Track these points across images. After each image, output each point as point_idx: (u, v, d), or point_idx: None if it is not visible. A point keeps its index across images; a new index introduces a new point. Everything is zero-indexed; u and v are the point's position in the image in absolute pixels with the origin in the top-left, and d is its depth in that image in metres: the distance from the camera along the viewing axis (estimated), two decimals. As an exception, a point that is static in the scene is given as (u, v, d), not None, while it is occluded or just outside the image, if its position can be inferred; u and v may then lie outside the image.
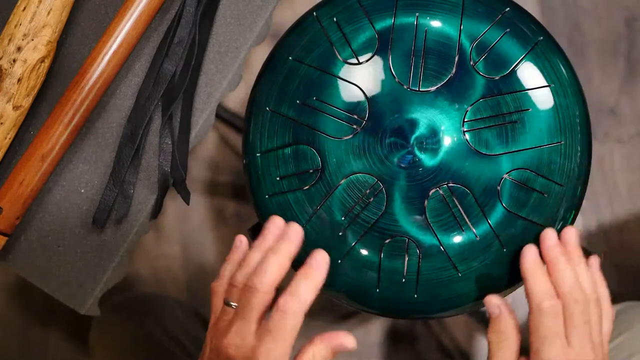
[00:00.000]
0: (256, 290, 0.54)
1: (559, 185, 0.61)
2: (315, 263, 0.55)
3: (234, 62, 0.68)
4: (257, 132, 0.64)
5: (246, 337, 0.54)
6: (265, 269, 0.55)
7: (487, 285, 0.61)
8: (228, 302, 0.57)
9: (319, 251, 0.56)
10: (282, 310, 0.53)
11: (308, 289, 0.54)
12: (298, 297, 0.53)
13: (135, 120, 0.67)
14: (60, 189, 0.68)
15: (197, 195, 1.30)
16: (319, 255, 0.55)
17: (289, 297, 0.53)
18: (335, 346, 0.56)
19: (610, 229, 1.29)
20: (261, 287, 0.54)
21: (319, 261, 0.55)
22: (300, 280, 0.54)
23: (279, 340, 0.53)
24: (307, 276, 0.54)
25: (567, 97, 0.62)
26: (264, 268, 0.55)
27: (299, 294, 0.53)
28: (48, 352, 1.31)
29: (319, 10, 0.64)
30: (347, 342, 0.56)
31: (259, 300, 0.54)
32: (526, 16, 0.63)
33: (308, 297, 0.54)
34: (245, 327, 0.54)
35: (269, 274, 0.55)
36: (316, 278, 0.55)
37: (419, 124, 0.61)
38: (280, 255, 0.55)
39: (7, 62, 0.63)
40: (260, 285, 0.54)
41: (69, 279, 0.68)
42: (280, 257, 0.55)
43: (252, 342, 0.54)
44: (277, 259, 0.55)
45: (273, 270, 0.55)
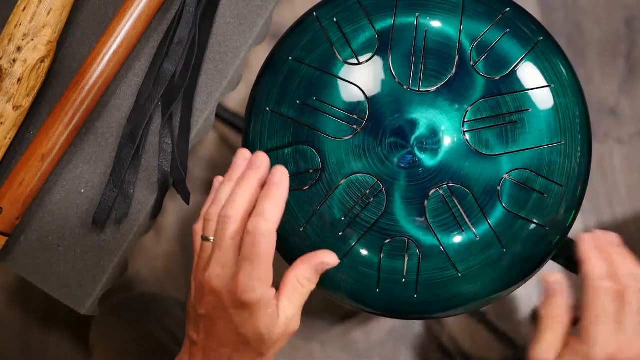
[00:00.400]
0: (228, 218, 0.55)
1: (559, 185, 0.61)
2: (275, 179, 0.56)
3: (234, 62, 0.68)
4: (257, 132, 0.64)
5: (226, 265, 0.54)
6: (235, 198, 0.55)
7: (487, 285, 0.61)
8: (205, 237, 0.57)
9: (277, 167, 0.56)
10: (252, 232, 0.53)
11: (273, 206, 0.54)
12: (264, 216, 0.54)
13: (135, 120, 0.67)
14: (60, 189, 0.68)
15: (197, 195, 1.30)
16: (277, 170, 0.56)
17: (255, 218, 0.54)
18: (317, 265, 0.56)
19: (610, 229, 1.29)
20: (233, 214, 0.55)
21: (278, 177, 0.56)
22: (264, 199, 0.55)
23: (255, 262, 0.53)
24: (269, 194, 0.55)
25: (567, 97, 0.62)
26: (234, 197, 0.56)
27: (264, 212, 0.54)
28: (48, 352, 1.31)
29: (319, 10, 0.64)
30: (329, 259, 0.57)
31: (233, 228, 0.55)
32: (526, 16, 0.63)
33: (274, 214, 0.54)
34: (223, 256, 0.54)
35: (239, 201, 0.55)
36: (278, 194, 0.55)
37: (419, 124, 0.61)
38: (248, 182, 0.56)
39: (7, 62, 0.63)
40: (231, 212, 0.55)
41: (69, 279, 0.68)
42: (248, 183, 0.56)
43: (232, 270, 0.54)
44: (246, 185, 0.56)
45: (243, 198, 0.55)
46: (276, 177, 0.56)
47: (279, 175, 0.56)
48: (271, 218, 0.54)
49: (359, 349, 1.29)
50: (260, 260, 0.53)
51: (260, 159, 0.57)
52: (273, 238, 0.54)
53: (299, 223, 0.62)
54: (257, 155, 0.58)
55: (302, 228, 0.62)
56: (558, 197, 0.61)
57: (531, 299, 1.28)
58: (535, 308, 1.27)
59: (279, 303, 0.55)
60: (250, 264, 0.53)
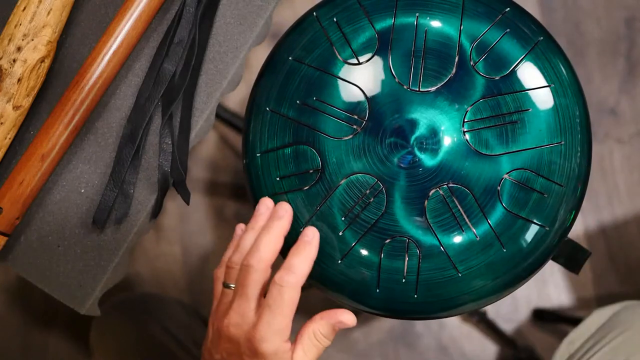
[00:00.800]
0: (252, 267, 0.55)
1: (559, 185, 0.61)
2: (307, 238, 0.57)
3: (234, 62, 0.68)
4: (257, 132, 0.64)
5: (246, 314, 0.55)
6: (259, 247, 0.56)
7: (487, 286, 0.61)
8: (227, 285, 0.58)
9: (309, 227, 0.58)
10: (279, 284, 0.54)
11: (302, 262, 0.55)
12: (292, 270, 0.55)
13: (135, 120, 0.67)
14: (60, 189, 0.68)
15: (197, 195, 1.30)
16: (309, 231, 0.57)
17: (283, 271, 0.55)
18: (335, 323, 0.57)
19: (610, 229, 1.29)
20: (256, 264, 0.55)
21: (310, 236, 0.57)
22: (294, 255, 0.56)
23: (277, 314, 0.54)
24: (300, 250, 0.56)
25: (567, 97, 0.62)
26: (258, 246, 0.56)
27: (294, 267, 0.55)
28: (48, 352, 1.31)
29: (319, 10, 0.64)
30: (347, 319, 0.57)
31: (255, 277, 0.55)
32: (526, 16, 0.63)
33: (303, 270, 0.55)
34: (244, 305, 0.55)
35: (263, 251, 0.56)
36: (309, 251, 0.56)
37: (419, 124, 0.61)
38: (272, 233, 0.57)
39: (7, 62, 0.63)
40: (255, 262, 0.55)
41: (69, 279, 0.68)
42: (272, 234, 0.57)
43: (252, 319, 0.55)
44: (270, 236, 0.57)
45: (267, 247, 0.56)
46: (309, 236, 0.57)
47: (311, 234, 0.57)
48: (299, 273, 0.55)
49: (359, 349, 1.29)
50: (283, 312, 0.54)
51: (283, 209, 0.59)
52: (298, 293, 0.55)
53: (299, 223, 0.62)
54: (280, 206, 0.59)
55: (302, 228, 0.62)
56: (558, 197, 0.61)
57: (531, 299, 1.28)
58: (535, 308, 1.28)
59: (294, 354, 0.56)
60: (272, 315, 0.54)
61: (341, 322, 0.57)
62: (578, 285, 1.28)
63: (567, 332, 0.87)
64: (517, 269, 0.61)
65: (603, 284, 1.28)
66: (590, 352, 0.81)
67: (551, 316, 1.25)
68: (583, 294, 1.28)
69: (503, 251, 0.61)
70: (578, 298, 1.28)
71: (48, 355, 1.31)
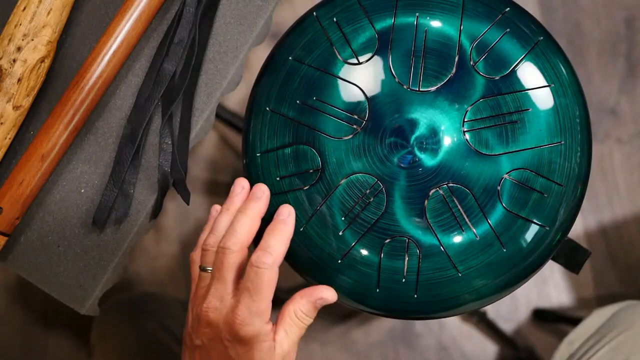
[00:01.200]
0: (227, 250, 0.54)
1: (559, 185, 0.61)
2: (281, 217, 0.56)
3: (234, 62, 0.68)
4: (257, 132, 0.64)
5: (224, 298, 0.54)
6: (235, 229, 0.55)
7: (487, 285, 0.61)
8: (203, 268, 0.57)
9: (284, 206, 0.57)
10: (255, 265, 0.53)
11: (278, 241, 0.55)
12: (269, 251, 0.54)
13: (135, 120, 0.67)
14: (60, 189, 0.68)
15: (197, 195, 1.30)
16: (284, 209, 0.57)
17: (260, 252, 0.54)
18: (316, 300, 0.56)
19: (610, 229, 1.29)
20: (233, 246, 0.54)
21: (285, 214, 0.56)
22: (269, 235, 0.55)
23: (255, 296, 0.53)
24: (275, 230, 0.55)
25: (567, 97, 0.62)
26: (234, 228, 0.55)
27: (270, 247, 0.54)
28: (48, 352, 1.31)
29: (319, 10, 0.64)
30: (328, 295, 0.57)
31: (232, 259, 0.54)
32: (526, 16, 0.63)
33: (279, 250, 0.54)
34: (222, 288, 0.54)
35: (239, 232, 0.55)
36: (284, 230, 0.56)
37: (419, 124, 0.61)
38: (248, 214, 0.56)
39: (7, 62, 0.63)
40: (231, 244, 0.54)
41: (69, 279, 0.68)
42: (248, 215, 0.56)
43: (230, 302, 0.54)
44: (246, 217, 0.56)
45: (243, 229, 0.55)
46: (283, 214, 0.56)
47: (286, 213, 0.56)
48: (276, 253, 0.54)
49: (359, 349, 1.29)
50: (261, 294, 0.53)
51: (260, 190, 0.58)
52: (276, 273, 0.54)
53: (299, 223, 0.62)
54: (257, 187, 0.58)
55: (302, 228, 0.62)
56: (558, 197, 0.61)
57: (531, 299, 1.28)
58: (535, 308, 1.28)
59: (276, 336, 0.55)
60: (250, 297, 0.53)
61: (322, 299, 0.56)
62: (578, 285, 1.28)
63: (567, 332, 0.87)
64: (517, 268, 0.61)
65: (603, 284, 1.28)
66: (590, 352, 0.81)
67: (551, 316, 1.25)
68: (583, 294, 1.28)
69: (503, 251, 0.61)
70: (578, 298, 1.28)
71: (48, 355, 1.31)
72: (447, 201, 0.61)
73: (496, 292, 0.62)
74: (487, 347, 1.28)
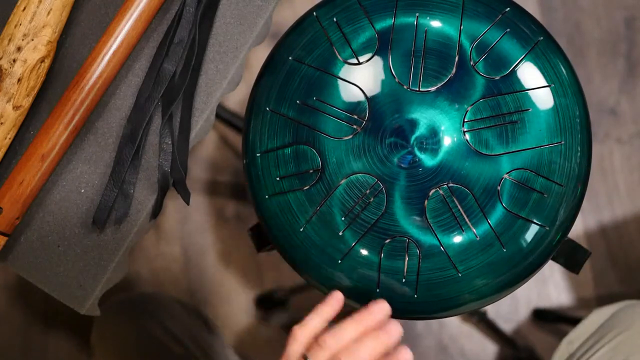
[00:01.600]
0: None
1: (559, 185, 0.61)
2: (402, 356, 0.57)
3: (234, 62, 0.68)
4: (257, 132, 0.64)
5: None
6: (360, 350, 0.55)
7: (487, 285, 0.61)
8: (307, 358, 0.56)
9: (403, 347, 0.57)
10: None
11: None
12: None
13: (135, 120, 0.67)
14: (60, 189, 0.68)
15: (197, 195, 1.30)
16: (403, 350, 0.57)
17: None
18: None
19: (610, 229, 1.29)
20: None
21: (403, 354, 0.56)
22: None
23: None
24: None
25: (567, 97, 0.62)
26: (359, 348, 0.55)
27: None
28: (48, 352, 1.31)
29: (319, 10, 0.64)
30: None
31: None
32: (526, 16, 0.63)
33: None
34: None
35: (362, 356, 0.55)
36: None
37: (419, 124, 0.61)
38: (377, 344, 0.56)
39: (7, 62, 0.63)
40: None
41: (69, 279, 0.68)
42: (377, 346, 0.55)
43: None
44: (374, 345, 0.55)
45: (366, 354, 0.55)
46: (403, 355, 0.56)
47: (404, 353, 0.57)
48: None
49: (359, 349, 1.29)
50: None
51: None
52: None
53: (299, 223, 0.62)
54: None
55: (302, 228, 0.62)
56: (558, 197, 0.61)
57: (531, 299, 1.28)
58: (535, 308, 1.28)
59: None
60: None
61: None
62: (578, 285, 1.28)
63: (567, 332, 0.87)
64: (517, 268, 0.61)
65: (603, 283, 1.28)
66: (590, 352, 0.81)
67: (551, 316, 1.25)
68: (583, 293, 1.28)
69: (503, 251, 0.61)
70: (578, 298, 1.28)
71: (48, 355, 1.31)
72: (447, 201, 0.61)
73: (496, 292, 0.62)
74: (487, 347, 1.28)
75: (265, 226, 0.64)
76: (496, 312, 1.27)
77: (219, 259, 1.30)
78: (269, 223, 0.63)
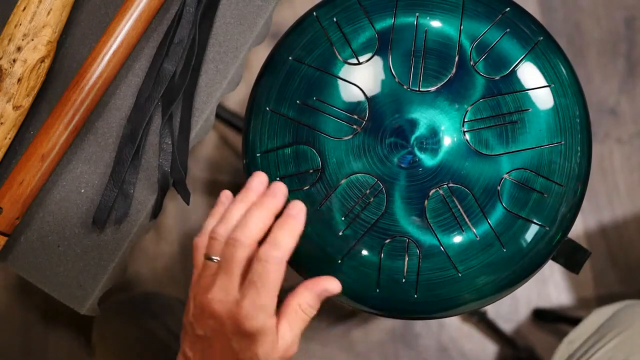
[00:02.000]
0: (239, 243, 0.53)
1: (559, 185, 0.61)
2: (293, 212, 0.55)
3: (234, 62, 0.68)
4: (257, 132, 0.64)
5: (230, 291, 0.54)
6: (249, 222, 0.54)
7: (487, 285, 0.61)
8: (209, 257, 0.56)
9: (295, 201, 0.55)
10: (263, 259, 0.52)
11: (287, 236, 0.53)
12: (277, 245, 0.53)
13: (135, 120, 0.67)
14: (60, 189, 0.68)
15: (197, 195, 1.30)
16: (296, 204, 0.55)
17: (268, 246, 0.53)
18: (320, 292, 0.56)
19: (610, 229, 1.29)
20: (245, 240, 0.53)
21: (296, 209, 0.55)
22: (279, 229, 0.54)
23: (261, 290, 0.52)
24: (285, 224, 0.54)
25: (567, 97, 0.62)
26: (248, 221, 0.54)
27: (278, 242, 0.53)
28: (48, 352, 1.31)
29: (319, 10, 0.64)
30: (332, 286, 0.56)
31: (242, 253, 0.53)
32: (526, 16, 0.63)
33: (288, 245, 0.53)
34: (228, 281, 0.54)
35: (253, 227, 0.54)
36: (294, 225, 0.54)
37: (419, 124, 0.61)
38: (264, 210, 0.55)
39: (7, 62, 0.63)
40: (243, 238, 0.53)
41: (69, 278, 0.68)
42: (264, 212, 0.55)
43: (236, 296, 0.53)
44: (261, 212, 0.55)
45: (257, 224, 0.54)
46: (294, 209, 0.55)
47: (297, 208, 0.55)
48: (284, 248, 0.53)
49: (359, 349, 1.29)
50: (268, 289, 0.52)
51: (278, 188, 0.56)
52: (283, 268, 0.53)
53: (299, 223, 0.62)
54: (276, 185, 0.56)
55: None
56: (558, 197, 0.61)
57: (531, 299, 1.28)
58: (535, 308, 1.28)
59: (278, 328, 0.55)
60: (257, 292, 0.52)
61: (327, 290, 0.56)
62: (578, 285, 1.28)
63: (567, 332, 0.87)
64: (517, 268, 0.61)
65: (603, 283, 1.28)
66: (590, 352, 0.81)
67: (551, 316, 1.25)
68: (583, 293, 1.28)
69: (503, 251, 0.61)
70: (578, 298, 1.28)
71: (48, 355, 1.31)
72: (447, 201, 0.61)
73: (496, 292, 0.62)
74: (487, 347, 1.28)
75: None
76: (496, 312, 1.27)
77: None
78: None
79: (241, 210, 0.56)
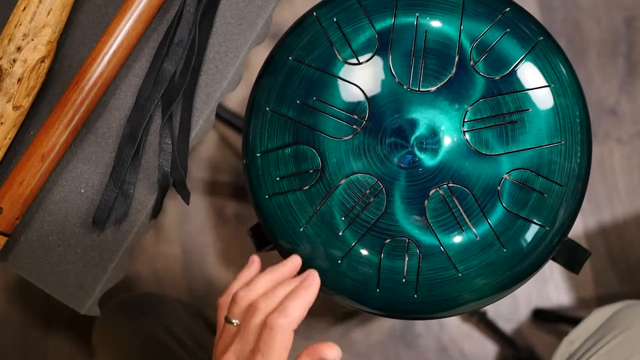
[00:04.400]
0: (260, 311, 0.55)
1: (559, 185, 0.61)
2: (306, 284, 0.57)
3: (234, 62, 0.68)
4: (257, 132, 0.64)
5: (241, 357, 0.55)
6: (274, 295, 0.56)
7: (487, 285, 0.61)
8: (229, 320, 0.58)
9: (312, 272, 0.58)
10: (270, 327, 0.54)
11: (297, 307, 0.55)
12: (286, 314, 0.54)
13: (135, 120, 0.67)
14: (60, 189, 0.68)
15: (197, 195, 1.30)
16: (311, 276, 0.57)
17: (277, 313, 0.54)
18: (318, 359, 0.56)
19: (610, 229, 1.29)
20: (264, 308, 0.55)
21: (310, 281, 0.57)
22: (290, 299, 0.56)
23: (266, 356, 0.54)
24: (298, 296, 0.56)
25: (567, 97, 0.62)
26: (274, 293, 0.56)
27: (289, 311, 0.55)
28: (48, 352, 1.31)
29: (319, 10, 0.64)
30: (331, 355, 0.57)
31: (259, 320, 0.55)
32: (526, 16, 0.63)
33: (297, 315, 0.55)
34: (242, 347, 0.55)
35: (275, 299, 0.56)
36: (306, 297, 0.56)
37: (419, 124, 0.61)
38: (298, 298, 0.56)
39: (7, 62, 0.63)
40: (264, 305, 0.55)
41: (69, 279, 0.68)
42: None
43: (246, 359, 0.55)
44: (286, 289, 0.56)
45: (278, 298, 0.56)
46: (308, 281, 0.57)
47: (311, 280, 0.57)
48: (292, 316, 0.54)
49: (359, 349, 1.29)
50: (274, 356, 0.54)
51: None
52: (290, 336, 0.54)
53: (299, 223, 0.62)
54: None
55: (302, 228, 0.62)
56: (558, 197, 0.61)
57: (531, 299, 1.28)
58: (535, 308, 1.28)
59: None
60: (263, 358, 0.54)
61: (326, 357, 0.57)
62: (578, 285, 1.28)
63: (567, 332, 0.87)
64: (517, 268, 0.61)
65: (603, 284, 1.28)
66: (590, 352, 0.81)
67: (551, 316, 1.25)
68: (583, 294, 1.28)
69: (503, 251, 0.61)
70: (578, 298, 1.28)
71: (48, 355, 1.31)
72: (447, 201, 0.61)
73: (496, 292, 0.62)
74: (487, 347, 1.28)
75: (265, 226, 0.64)
76: (496, 312, 1.27)
77: (219, 258, 1.30)
78: (268, 223, 0.63)
79: (267, 282, 0.58)
